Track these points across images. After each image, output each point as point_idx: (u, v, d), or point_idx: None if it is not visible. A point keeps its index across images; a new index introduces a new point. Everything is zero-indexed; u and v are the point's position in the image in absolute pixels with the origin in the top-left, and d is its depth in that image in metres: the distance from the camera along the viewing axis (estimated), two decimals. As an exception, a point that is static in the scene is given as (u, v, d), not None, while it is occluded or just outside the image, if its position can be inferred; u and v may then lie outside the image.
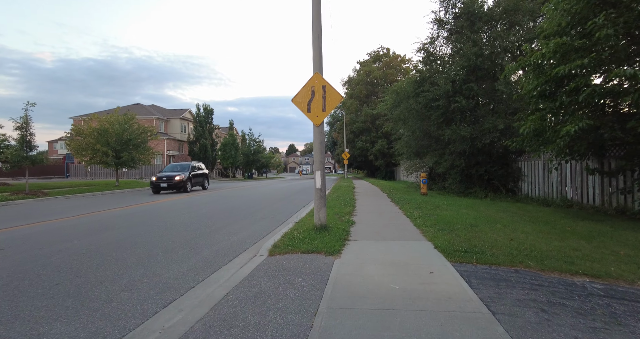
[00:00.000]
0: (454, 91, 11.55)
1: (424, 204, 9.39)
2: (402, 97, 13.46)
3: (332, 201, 10.47)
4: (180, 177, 16.36)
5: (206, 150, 42.27)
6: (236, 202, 11.97)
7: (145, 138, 19.78)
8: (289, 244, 4.98)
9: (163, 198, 13.59)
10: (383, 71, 37.19)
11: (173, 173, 16.83)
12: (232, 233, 6.44)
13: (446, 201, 10.10)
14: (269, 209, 9.89)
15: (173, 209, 10.13)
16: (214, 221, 7.79)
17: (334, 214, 7.81)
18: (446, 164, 12.48)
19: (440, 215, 7.44)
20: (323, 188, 5.85)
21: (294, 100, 5.89)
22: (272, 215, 8.63)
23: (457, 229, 5.78)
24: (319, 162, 5.87)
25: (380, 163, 34.80)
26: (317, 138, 5.85)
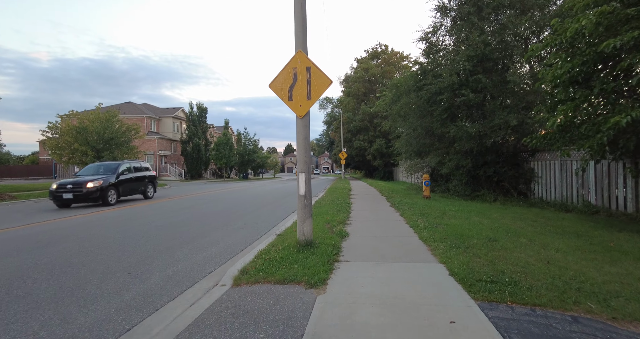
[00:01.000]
0: (460, 84, 10.45)
1: (428, 210, 8.29)
2: (402, 91, 12.36)
3: (325, 206, 9.36)
4: (94, 184, 10.98)
5: (199, 150, 41.03)
6: (219, 206, 10.83)
7: (129, 136, 18.59)
8: (262, 268, 3.86)
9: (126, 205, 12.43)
10: (381, 68, 36.11)
11: (87, 177, 11.49)
12: (199, 248, 5.31)
13: (452, 206, 9.00)
14: (252, 215, 8.77)
15: (135, 217, 8.98)
16: (181, 232, 6.66)
17: (324, 223, 6.69)
18: (451, 164, 11.39)
19: (449, 224, 6.34)
20: (308, 194, 4.74)
21: (272, 86, 4.77)
22: (254, 223, 7.51)
23: (473, 245, 4.67)
24: (303, 162, 4.75)
25: (379, 163, 33.72)
26: (301, 132, 4.73)
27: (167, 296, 3.40)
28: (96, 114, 17.61)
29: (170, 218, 8.38)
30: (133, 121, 39.35)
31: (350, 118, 35.78)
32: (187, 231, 6.62)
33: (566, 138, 5.86)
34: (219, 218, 8.22)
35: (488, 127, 9.87)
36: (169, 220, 7.99)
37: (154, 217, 8.56)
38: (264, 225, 7.26)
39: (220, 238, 6.02)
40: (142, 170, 13.89)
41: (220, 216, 8.53)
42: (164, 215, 8.87)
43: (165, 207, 10.75)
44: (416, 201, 10.13)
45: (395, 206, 9.38)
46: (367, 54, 39.23)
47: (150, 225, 7.34)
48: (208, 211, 9.63)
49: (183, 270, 4.24)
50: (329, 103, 49.32)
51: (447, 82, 10.66)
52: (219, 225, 7.34)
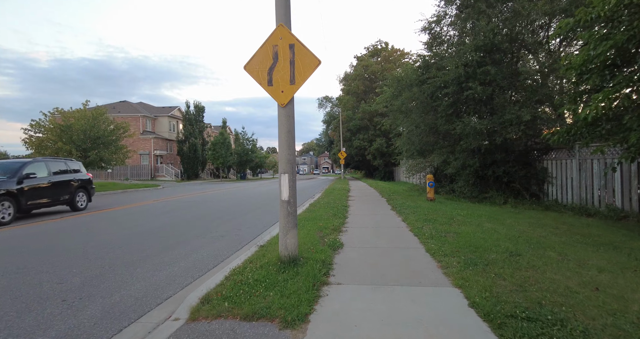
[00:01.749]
0: (467, 76, 9.61)
1: (433, 214, 7.45)
2: (404, 85, 11.52)
3: (320, 210, 8.52)
4: None
5: (196, 150, 40.15)
6: (204, 210, 9.99)
7: (117, 135, 17.75)
8: (229, 295, 3.03)
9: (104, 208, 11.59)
10: (381, 66, 35.26)
11: None
12: (165, 263, 4.48)
13: (460, 209, 8.16)
14: (238, 221, 7.93)
15: (104, 222, 8.15)
16: (152, 242, 5.82)
17: (316, 230, 5.86)
18: (456, 164, 10.55)
19: (459, 232, 5.50)
20: (292, 200, 3.90)
21: (248, 68, 3.93)
22: (237, 231, 6.67)
23: (493, 261, 3.83)
24: (286, 160, 3.91)
25: (379, 162, 32.86)
26: (284, 125, 3.90)
27: (99, 335, 2.57)
28: (83, 112, 16.79)
29: (146, 224, 7.54)
30: (128, 120, 38.59)
31: (349, 117, 34.92)
32: (159, 241, 5.78)
33: (596, 132, 5.03)
34: (200, 225, 7.39)
35: (497, 122, 9.03)
36: (144, 227, 7.16)
37: (127, 223, 7.73)
38: (247, 233, 6.42)
39: (194, 250, 5.18)
40: (69, 172, 10.28)
41: (202, 222, 7.70)
42: (141, 221, 8.04)
43: (143, 212, 9.91)
44: (419, 204, 9.29)
45: (397, 209, 8.54)
46: (367, 51, 38.39)
47: (119, 233, 6.51)
48: (190, 216, 8.80)
49: (135, 294, 3.41)
50: (328, 102, 48.49)
51: (452, 74, 9.82)
52: (198, 232, 6.50)
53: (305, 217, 7.33)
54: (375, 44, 38.14)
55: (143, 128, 38.44)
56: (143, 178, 36.79)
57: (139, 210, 10.10)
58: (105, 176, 37.32)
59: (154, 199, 13.32)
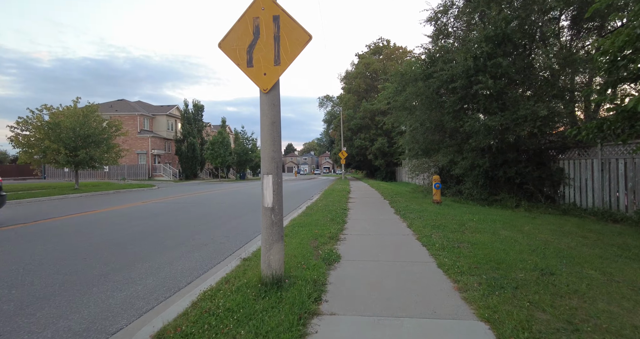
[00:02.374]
0: (476, 69, 8.88)
1: (441, 219, 6.73)
2: (408, 79, 10.79)
3: (317, 214, 7.81)
4: None
5: (195, 149, 39.52)
6: (194, 213, 9.30)
7: (109, 134, 17.08)
8: (189, 333, 2.33)
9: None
10: (383, 64, 34.52)
11: None
12: (129, 280, 3.78)
13: (470, 214, 7.44)
14: (227, 226, 7.23)
15: (74, 230, 7.46)
16: (125, 251, 5.12)
17: (310, 239, 5.16)
18: (464, 164, 9.82)
19: (474, 242, 4.79)
20: (277, 207, 3.19)
21: (223, 45, 3.23)
22: (223, 238, 5.96)
23: (523, 283, 3.12)
24: (270, 159, 3.21)
25: (380, 162, 32.14)
26: (267, 115, 3.20)
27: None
28: (72, 109, 16.12)
29: (125, 230, 6.84)
30: (124, 119, 38.01)
31: (350, 116, 34.20)
32: (133, 250, 5.09)
33: (637, 126, 4.31)
34: (184, 230, 6.69)
35: (510, 119, 8.30)
36: (120, 234, 6.46)
37: (103, 229, 7.03)
38: (234, 241, 5.71)
39: (169, 262, 4.48)
40: None
41: (187, 227, 7.00)
42: (119, 226, 7.34)
43: (126, 215, 9.23)
44: (425, 207, 8.57)
45: (401, 213, 7.83)
46: (369, 49, 37.68)
47: (89, 241, 5.81)
48: (177, 219, 8.10)
49: (76, 325, 2.71)
50: (329, 101, 47.84)
51: (460, 67, 9.10)
52: (180, 240, 5.80)
53: (299, 223, 6.63)
54: (377, 42, 37.44)
55: (140, 127, 37.82)
56: (140, 178, 36.18)
57: (121, 213, 9.41)
58: (102, 176, 36.72)
59: (143, 200, 12.63)
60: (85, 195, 15.40)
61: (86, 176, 36.68)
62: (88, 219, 8.21)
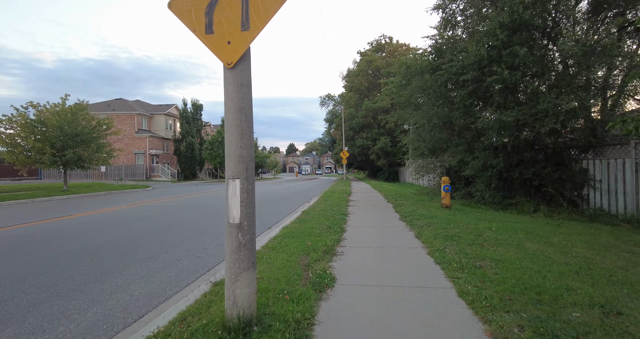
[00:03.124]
0: (490, 59, 8.03)
1: (454, 228, 5.88)
2: (414, 72, 9.93)
3: (312, 221, 6.98)
4: None
5: (193, 149, 38.78)
6: (177, 218, 8.50)
7: (99, 133, 16.31)
8: None
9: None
10: (386, 61, 33.61)
11: None
12: (67, 313, 2.96)
13: (486, 221, 6.58)
14: (209, 235, 6.41)
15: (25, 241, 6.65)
16: (85, 267, 4.31)
17: (301, 254, 4.33)
18: (476, 164, 8.95)
19: (498, 259, 3.94)
20: (248, 223, 2.36)
21: (173, 5, 2.40)
22: (201, 251, 5.13)
23: (585, 330, 2.27)
24: (237, 157, 2.38)
25: (383, 163, 31.27)
26: (233, 99, 2.36)
27: None
28: (60, 107, 15.37)
29: (95, 239, 6.04)
30: (122, 118, 37.37)
31: (352, 115, 33.33)
32: (89, 268, 4.27)
33: None
34: (160, 240, 5.88)
35: (529, 113, 7.44)
36: (88, 243, 5.66)
37: (67, 238, 6.23)
38: (213, 255, 4.89)
39: (126, 284, 3.67)
40: None
41: (165, 236, 6.19)
42: (88, 235, 6.54)
43: (103, 221, 8.44)
44: (434, 213, 7.72)
45: (407, 219, 6.98)
46: (371, 46, 36.81)
47: (41, 255, 5.01)
48: (157, 226, 7.30)
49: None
50: (331, 100, 46.98)
51: (472, 57, 8.23)
52: (151, 252, 4.99)
53: (291, 232, 5.80)
54: (379, 39, 36.57)
55: (138, 126, 37.14)
56: (138, 178, 35.50)
57: (100, 218, 8.62)
58: (98, 177, 36.05)
59: (130, 203, 11.83)
60: (72, 197, 14.64)
61: (82, 177, 36.02)
62: (60, 225, 7.41)
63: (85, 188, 18.61)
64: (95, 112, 37.32)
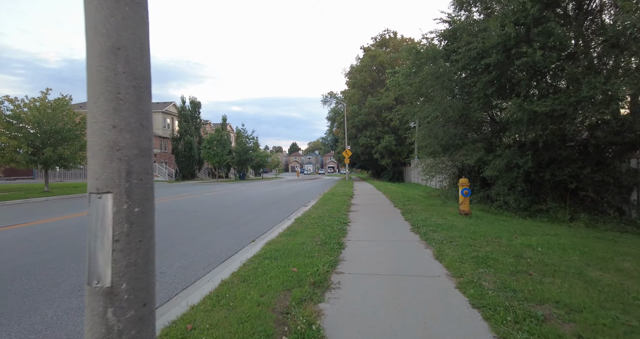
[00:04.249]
0: (518, 39, 6.75)
1: (484, 245, 4.63)
2: (425, 57, 8.65)
3: (305, 232, 5.74)
4: None
5: (192, 148, 37.69)
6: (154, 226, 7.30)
7: (82, 130, 15.16)
8: None
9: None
10: (390, 56, 32.27)
11: None
12: None
13: (521, 234, 5.31)
14: (168, 255, 5.21)
15: None
16: None
17: (281, 288, 3.11)
18: (498, 163, 7.67)
19: (567, 304, 2.69)
20: (131, 290, 1.12)
21: None
22: (157, 274, 3.93)
23: None
24: (106, 147, 1.14)
25: (387, 162, 29.97)
26: (97, 23, 1.12)
27: None
28: (40, 102, 14.25)
29: (14, 261, 4.84)
30: (118, 116, 36.29)
31: (355, 112, 32.03)
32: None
33: None
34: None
35: (567, 102, 6.15)
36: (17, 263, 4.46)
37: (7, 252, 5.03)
38: (168, 282, 3.67)
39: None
40: None
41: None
42: (12, 254, 5.36)
43: (52, 231, 7.27)
44: (452, 221, 6.45)
45: (421, 231, 5.72)
46: (374, 41, 35.47)
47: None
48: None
49: None
50: (333, 98, 45.71)
51: (496, 38, 6.96)
52: (73, 285, 3.77)
53: (274, 250, 4.56)
54: (383, 33, 35.22)
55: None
56: (134, 178, 34.42)
57: (54, 227, 7.45)
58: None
59: None
60: (50, 200, 13.52)
61: (78, 177, 35.05)
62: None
63: (70, 189, 17.50)
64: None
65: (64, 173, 35.16)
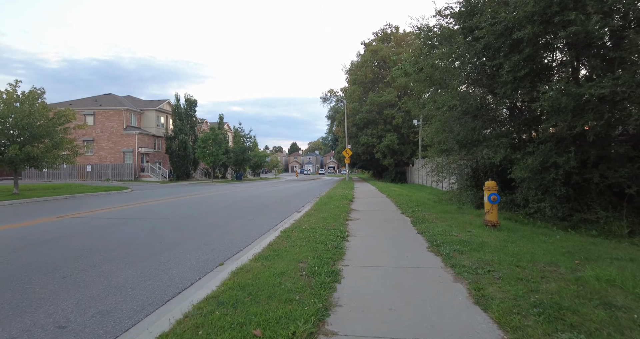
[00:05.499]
0: (562, 5, 5.34)
1: (542, 280, 3.22)
2: (441, 35, 7.20)
3: (289, 253, 4.34)
4: None
5: (186, 147, 36.29)
6: (101, 241, 5.92)
7: (54, 126, 13.72)
8: None
9: None
10: (392, 51, 30.85)
11: None
12: None
13: (585, 258, 3.90)
14: (95, 289, 3.82)
15: None
16: None
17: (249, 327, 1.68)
18: (531, 162, 6.24)
19: None
20: None
21: None
22: (83, 320, 2.54)
23: None
24: None
25: (389, 162, 28.57)
26: None
27: None
28: (8, 95, 12.89)
29: None
30: (110, 114, 35.00)
31: (355, 110, 30.61)
32: None
33: None
34: (18, 296, 3.29)
35: (634, 82, 4.73)
36: None
37: None
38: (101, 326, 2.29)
39: None
40: None
41: (24, 285, 3.60)
42: None
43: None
44: (479, 237, 5.04)
45: (443, 253, 4.30)
46: (376, 36, 34.07)
47: None
48: (46, 259, 4.72)
49: None
50: (333, 96, 44.32)
51: (532, 5, 5.54)
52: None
53: (240, 286, 3.15)
54: (385, 28, 33.82)
55: (127, 123, 34.76)
56: (126, 178, 33.14)
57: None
58: (83, 177, 33.70)
59: (64, 214, 9.21)
60: (16, 203, 12.16)
61: (67, 177, 33.73)
62: None
63: (45, 191, 16.08)
64: (81, 108, 35.25)
65: (53, 173, 33.82)
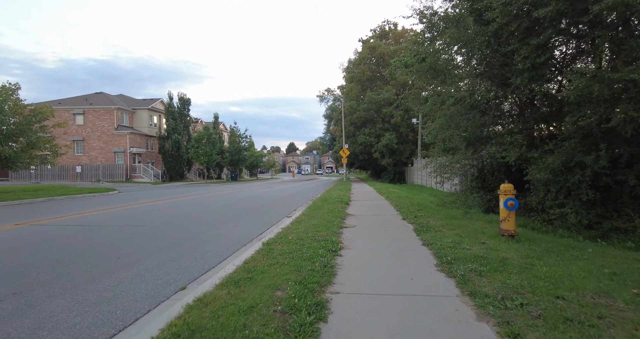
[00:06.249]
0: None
1: (592, 314, 2.38)
2: (448, 19, 6.36)
3: (269, 274, 3.49)
4: None
5: (180, 147, 35.32)
6: (74, 250, 5.06)
7: (26, 125, 12.77)
8: None
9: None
10: (391, 47, 30.03)
11: None
12: None
13: (637, 282, 3.08)
14: (26, 321, 2.97)
15: None
16: None
17: None
18: (552, 162, 5.43)
19: None
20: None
21: None
22: None
23: None
24: None
25: (388, 162, 27.75)
26: None
27: None
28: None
29: None
30: (100, 113, 34.04)
31: (353, 108, 29.78)
32: None
33: None
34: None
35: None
36: None
37: None
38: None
39: None
40: None
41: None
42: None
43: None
44: (497, 251, 4.22)
45: (457, 274, 3.48)
46: (374, 33, 33.24)
47: None
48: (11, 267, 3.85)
49: None
50: (330, 95, 43.49)
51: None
52: None
53: (194, 326, 2.31)
54: (383, 25, 32.99)
55: (118, 122, 33.79)
56: (117, 179, 32.19)
57: None
58: (73, 178, 32.73)
59: (17, 222, 8.21)
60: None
61: (56, 178, 32.75)
62: None
63: (25, 194, 15.09)
64: (71, 107, 34.28)
65: (41, 174, 32.83)
